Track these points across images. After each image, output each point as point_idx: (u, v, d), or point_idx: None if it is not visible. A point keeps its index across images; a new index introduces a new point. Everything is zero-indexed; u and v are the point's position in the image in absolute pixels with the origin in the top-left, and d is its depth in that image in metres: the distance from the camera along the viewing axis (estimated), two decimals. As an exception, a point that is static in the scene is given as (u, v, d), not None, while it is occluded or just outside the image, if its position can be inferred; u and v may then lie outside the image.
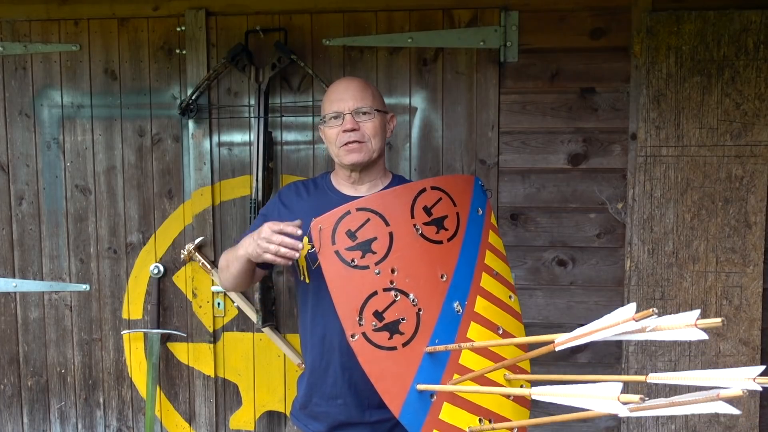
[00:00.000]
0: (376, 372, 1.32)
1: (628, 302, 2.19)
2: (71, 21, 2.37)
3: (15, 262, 2.47)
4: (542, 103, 2.24)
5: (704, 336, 0.93)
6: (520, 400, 1.45)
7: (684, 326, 0.95)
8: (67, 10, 2.36)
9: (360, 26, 2.26)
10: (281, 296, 2.37)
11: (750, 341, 2.17)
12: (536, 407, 2.33)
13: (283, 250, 1.38)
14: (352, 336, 1.33)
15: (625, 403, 0.93)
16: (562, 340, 1.05)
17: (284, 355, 2.37)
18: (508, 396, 1.43)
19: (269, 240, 1.39)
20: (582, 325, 1.04)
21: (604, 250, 2.26)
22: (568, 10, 2.20)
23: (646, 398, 0.92)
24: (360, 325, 1.34)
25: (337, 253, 1.38)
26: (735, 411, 0.92)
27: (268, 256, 1.40)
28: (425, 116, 2.28)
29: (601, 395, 0.97)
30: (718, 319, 0.91)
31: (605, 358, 2.28)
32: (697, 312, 0.94)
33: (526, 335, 1.63)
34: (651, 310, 0.94)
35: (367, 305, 1.35)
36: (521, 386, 1.47)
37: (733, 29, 2.10)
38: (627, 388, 1.00)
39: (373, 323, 1.34)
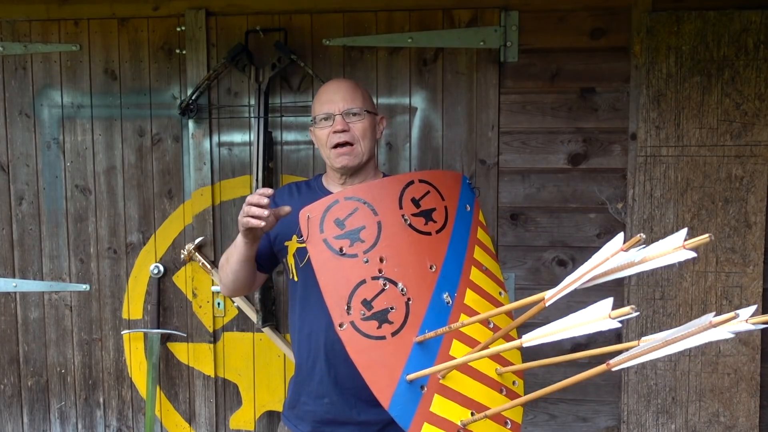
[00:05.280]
0: (364, 362, 1.30)
1: (628, 302, 2.20)
2: (71, 21, 2.37)
3: (15, 262, 2.47)
4: (542, 103, 2.24)
5: (693, 254, 0.88)
6: (511, 395, 1.43)
7: (672, 250, 0.90)
8: (67, 10, 2.36)
9: (360, 26, 2.26)
10: (281, 296, 2.37)
11: (750, 341, 2.17)
12: (533, 406, 2.33)
13: (254, 210, 1.39)
14: (341, 325, 1.32)
15: (616, 318, 0.89)
16: (552, 294, 1.01)
17: (284, 355, 2.37)
18: (500, 390, 1.42)
19: (246, 203, 1.41)
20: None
21: (604, 250, 2.26)
22: (568, 10, 2.20)
23: (636, 308, 0.87)
24: (348, 314, 1.32)
25: (325, 241, 1.38)
26: (729, 334, 0.87)
27: (244, 220, 1.41)
28: (425, 116, 2.28)
29: (592, 318, 0.93)
30: (706, 236, 0.87)
31: (605, 357, 2.27)
32: (684, 231, 0.90)
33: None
34: (639, 236, 0.89)
35: (355, 294, 1.34)
36: (513, 382, 1.46)
37: (733, 29, 2.10)
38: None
39: (362, 312, 1.33)
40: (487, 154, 2.26)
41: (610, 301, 0.92)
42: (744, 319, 0.89)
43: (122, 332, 2.46)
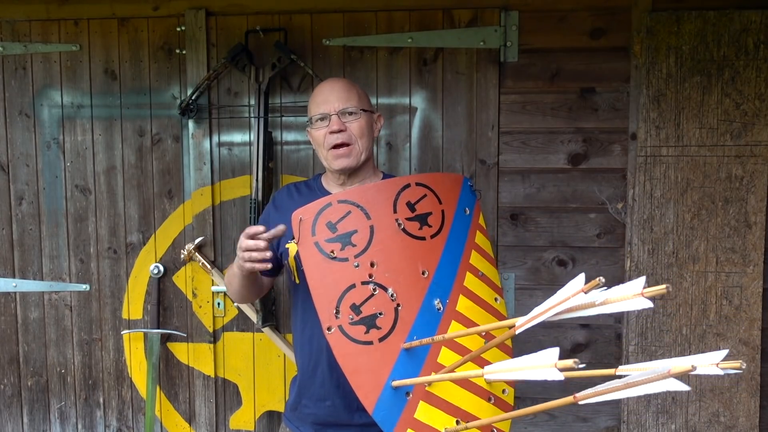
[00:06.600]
0: (350, 366, 1.31)
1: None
2: (71, 21, 2.37)
3: (15, 262, 2.47)
4: (542, 103, 2.24)
5: (650, 304, 0.93)
6: (500, 403, 1.43)
7: (632, 296, 0.94)
8: (67, 10, 2.36)
9: (360, 26, 2.26)
10: (281, 296, 2.37)
11: (750, 341, 2.17)
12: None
13: (254, 255, 1.40)
14: (329, 329, 1.33)
15: (561, 369, 0.94)
16: (521, 323, 1.06)
17: (284, 355, 2.37)
18: (488, 399, 1.41)
19: (243, 249, 1.42)
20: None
21: (604, 250, 2.26)
22: (568, 10, 2.20)
23: (580, 362, 0.92)
24: (336, 317, 1.33)
25: (316, 244, 1.38)
26: (684, 387, 0.91)
27: (248, 265, 1.43)
28: (425, 116, 2.28)
29: (540, 363, 0.98)
30: (663, 286, 0.91)
31: (605, 358, 2.28)
32: (642, 279, 0.94)
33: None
34: (598, 279, 0.94)
35: (344, 298, 1.34)
36: (503, 390, 1.45)
37: (733, 29, 2.10)
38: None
39: (350, 316, 1.33)
40: (487, 154, 2.26)
41: (556, 351, 0.97)
42: (714, 363, 0.92)
43: (122, 332, 2.46)
